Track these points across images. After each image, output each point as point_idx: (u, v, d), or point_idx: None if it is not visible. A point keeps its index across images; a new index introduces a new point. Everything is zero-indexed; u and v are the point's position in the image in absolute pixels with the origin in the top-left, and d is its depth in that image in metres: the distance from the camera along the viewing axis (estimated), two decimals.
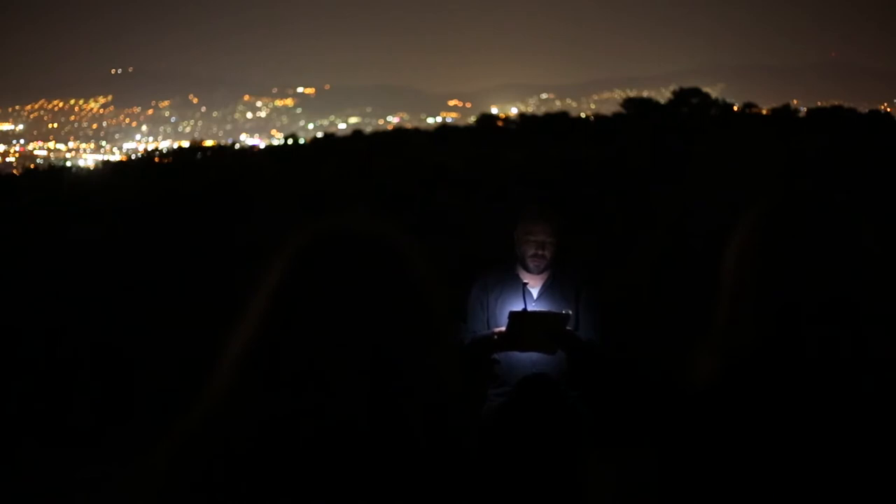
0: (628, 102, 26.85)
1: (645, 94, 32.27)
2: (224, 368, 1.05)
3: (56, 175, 25.28)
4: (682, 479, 1.24)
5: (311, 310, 1.04)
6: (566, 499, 3.24)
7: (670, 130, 19.08)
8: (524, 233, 3.34)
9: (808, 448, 1.17)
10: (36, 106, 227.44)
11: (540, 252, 3.30)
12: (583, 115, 32.47)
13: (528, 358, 3.26)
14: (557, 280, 3.37)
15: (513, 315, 3.18)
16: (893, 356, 1.20)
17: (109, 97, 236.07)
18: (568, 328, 3.22)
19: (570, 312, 3.21)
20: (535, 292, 3.37)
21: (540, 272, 3.35)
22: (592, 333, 3.34)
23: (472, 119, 32.40)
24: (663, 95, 30.43)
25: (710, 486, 1.21)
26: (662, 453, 1.27)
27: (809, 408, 1.18)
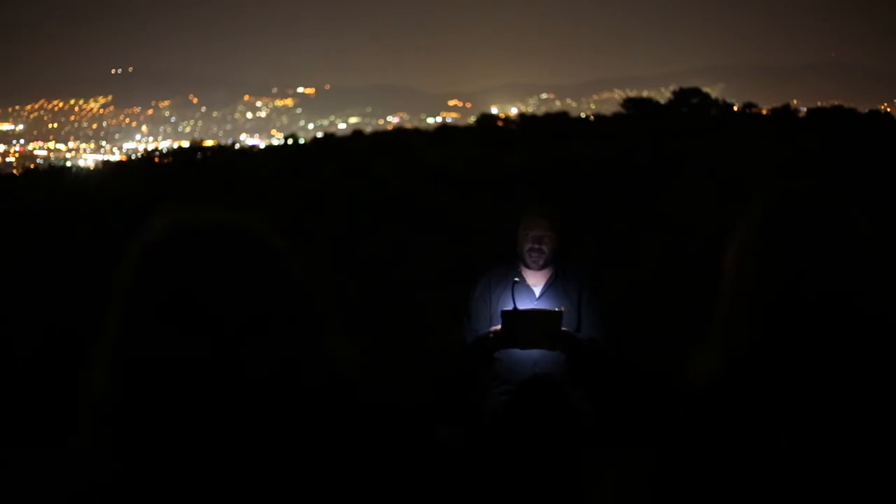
0: (628, 102, 26.87)
1: (645, 94, 32.26)
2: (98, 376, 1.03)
3: (56, 175, 25.26)
4: (681, 479, 1.24)
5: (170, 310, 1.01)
6: (566, 499, 3.24)
7: (670, 130, 19.08)
8: (524, 229, 3.36)
9: (809, 448, 1.17)
10: (36, 106, 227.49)
11: (537, 246, 3.31)
12: (583, 115, 32.45)
13: (529, 356, 3.27)
14: (560, 278, 3.38)
15: (505, 314, 3.20)
16: (894, 356, 1.20)
17: (109, 97, 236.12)
18: (564, 328, 3.22)
19: (563, 309, 3.22)
20: (537, 290, 3.37)
21: (539, 268, 3.35)
22: (595, 333, 3.35)
23: (472, 119, 32.38)
24: (663, 95, 30.43)
25: (710, 486, 1.21)
26: (662, 453, 1.27)
27: (809, 407, 1.18)
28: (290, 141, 35.19)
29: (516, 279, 3.35)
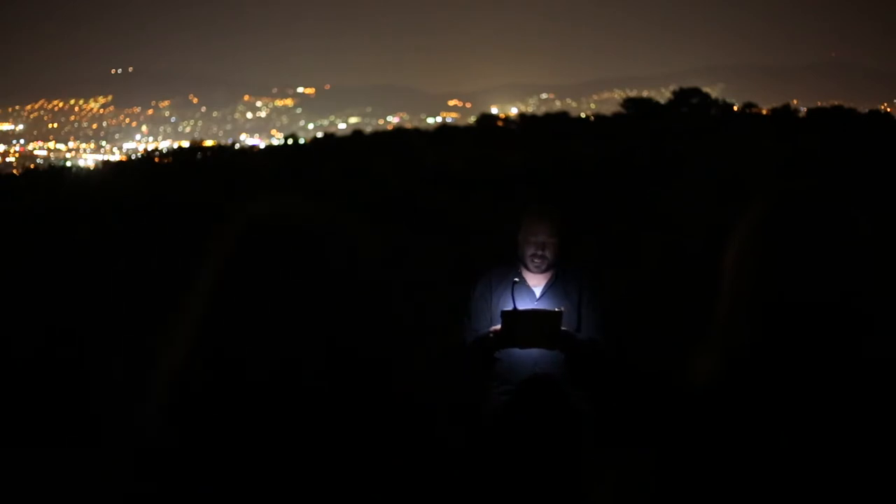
0: (628, 102, 26.91)
1: (645, 94, 32.30)
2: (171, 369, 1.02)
3: (56, 175, 25.27)
4: (681, 479, 1.24)
5: (256, 302, 1.01)
6: (566, 499, 3.24)
7: (670, 130, 19.09)
8: (526, 233, 3.36)
9: (809, 448, 1.17)
10: (36, 106, 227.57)
11: (540, 252, 3.32)
12: (583, 115, 32.48)
13: (529, 356, 3.27)
14: (560, 279, 3.38)
15: (505, 314, 3.21)
16: (894, 356, 1.20)
17: (109, 97, 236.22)
18: (564, 328, 3.23)
19: (563, 309, 3.22)
20: (538, 291, 3.38)
21: (541, 272, 3.36)
22: (595, 333, 3.35)
23: (472, 119, 32.41)
24: (663, 95, 30.46)
25: (710, 487, 1.21)
26: (662, 453, 1.27)
27: (809, 407, 1.18)
28: (290, 141, 35.20)
29: (516, 279, 3.35)
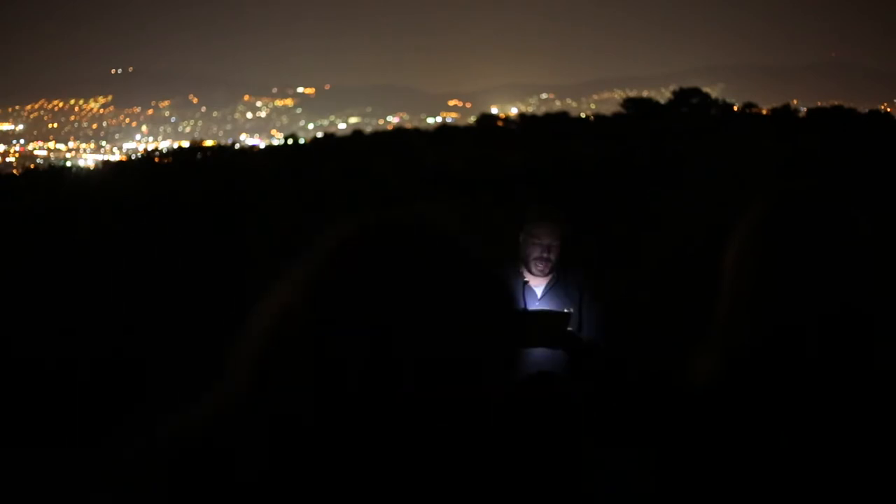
0: (628, 102, 26.93)
1: (645, 94, 32.34)
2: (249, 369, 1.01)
3: (56, 175, 25.26)
4: (682, 479, 1.24)
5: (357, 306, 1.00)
6: (566, 498, 3.24)
7: (670, 130, 19.09)
8: (529, 236, 3.35)
9: (808, 449, 1.17)
10: (36, 106, 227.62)
11: (545, 255, 3.31)
12: (583, 115, 32.51)
13: (531, 355, 3.27)
14: (561, 280, 3.38)
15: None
16: (893, 355, 1.20)
17: (109, 97, 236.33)
18: (569, 328, 3.24)
19: (572, 311, 3.23)
20: (538, 291, 3.38)
21: (545, 275, 3.36)
22: (595, 333, 3.36)
23: (472, 119, 32.43)
24: (663, 95, 30.49)
25: (710, 486, 1.21)
26: (662, 453, 1.27)
27: (809, 408, 1.18)
28: (290, 141, 35.21)
29: (526, 280, 3.36)
